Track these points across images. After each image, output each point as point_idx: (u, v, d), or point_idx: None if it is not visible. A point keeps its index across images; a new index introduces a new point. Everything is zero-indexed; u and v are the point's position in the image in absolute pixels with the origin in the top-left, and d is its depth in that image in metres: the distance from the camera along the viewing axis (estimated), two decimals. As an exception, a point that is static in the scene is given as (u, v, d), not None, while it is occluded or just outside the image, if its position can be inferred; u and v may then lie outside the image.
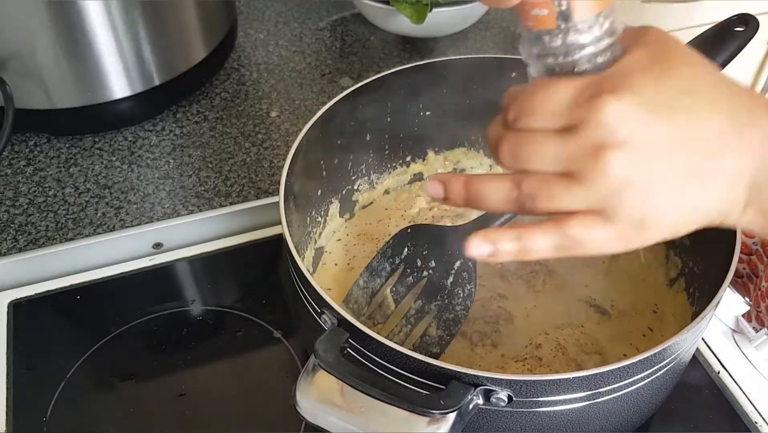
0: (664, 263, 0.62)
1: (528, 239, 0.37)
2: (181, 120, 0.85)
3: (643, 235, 0.36)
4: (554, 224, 0.36)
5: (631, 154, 0.34)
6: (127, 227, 0.72)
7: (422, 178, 0.71)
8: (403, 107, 0.65)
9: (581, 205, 0.35)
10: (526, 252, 0.37)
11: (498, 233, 0.37)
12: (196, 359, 0.61)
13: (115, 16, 0.73)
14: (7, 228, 0.72)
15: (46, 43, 0.72)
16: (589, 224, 0.35)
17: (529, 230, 0.37)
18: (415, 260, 0.57)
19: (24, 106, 0.74)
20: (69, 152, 0.80)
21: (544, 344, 0.57)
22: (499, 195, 0.37)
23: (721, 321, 0.62)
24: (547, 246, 0.36)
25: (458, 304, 0.55)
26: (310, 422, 0.42)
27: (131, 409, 0.58)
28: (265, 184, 0.77)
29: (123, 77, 0.77)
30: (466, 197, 0.38)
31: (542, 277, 0.62)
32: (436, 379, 0.43)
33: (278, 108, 0.87)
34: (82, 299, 0.65)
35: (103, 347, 0.61)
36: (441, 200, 0.39)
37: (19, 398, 0.57)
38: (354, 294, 0.58)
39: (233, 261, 0.69)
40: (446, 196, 0.39)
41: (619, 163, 0.34)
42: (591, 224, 0.35)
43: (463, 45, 0.96)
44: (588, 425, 0.47)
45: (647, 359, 0.44)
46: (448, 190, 0.39)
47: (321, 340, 0.44)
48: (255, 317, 0.63)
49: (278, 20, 1.01)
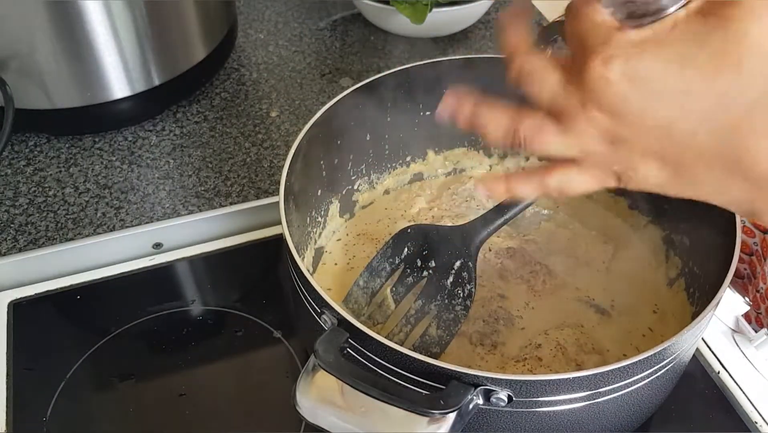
0: (664, 263, 0.62)
1: (515, 185, 0.41)
2: (181, 120, 0.85)
3: (622, 184, 0.39)
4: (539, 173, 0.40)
5: (615, 119, 0.36)
6: (127, 227, 0.72)
7: (422, 179, 0.71)
8: (403, 107, 0.65)
9: (567, 154, 0.38)
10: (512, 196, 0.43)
11: (493, 178, 0.42)
12: (196, 359, 0.61)
13: (115, 16, 0.73)
14: (7, 228, 0.72)
15: (46, 43, 0.72)
16: (571, 173, 0.39)
17: (517, 178, 0.41)
18: (415, 260, 0.57)
19: (24, 106, 0.74)
20: (69, 152, 0.80)
21: (544, 344, 0.57)
22: (499, 128, 0.40)
23: (721, 321, 0.62)
24: (531, 193, 0.42)
25: (458, 304, 0.55)
26: (310, 422, 0.42)
27: (131, 409, 0.58)
28: (265, 184, 0.77)
29: (123, 77, 0.77)
30: (471, 120, 0.41)
31: (542, 277, 0.62)
32: (436, 379, 0.43)
33: (278, 108, 0.87)
34: (82, 299, 0.65)
35: (103, 347, 0.61)
36: (448, 117, 0.42)
37: (19, 398, 0.57)
38: (354, 294, 0.58)
39: (233, 261, 0.69)
40: (455, 114, 0.42)
41: (604, 120, 0.36)
42: (572, 173, 0.39)
43: (463, 45, 0.96)
44: (588, 425, 0.47)
45: (647, 359, 0.44)
46: (458, 110, 0.41)
47: (321, 340, 0.44)
48: (255, 317, 0.63)
49: (278, 20, 1.01)
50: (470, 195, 0.68)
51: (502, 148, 0.43)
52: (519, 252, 0.64)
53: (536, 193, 0.42)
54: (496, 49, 0.96)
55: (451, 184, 0.70)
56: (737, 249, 0.49)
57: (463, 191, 0.68)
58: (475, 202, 0.68)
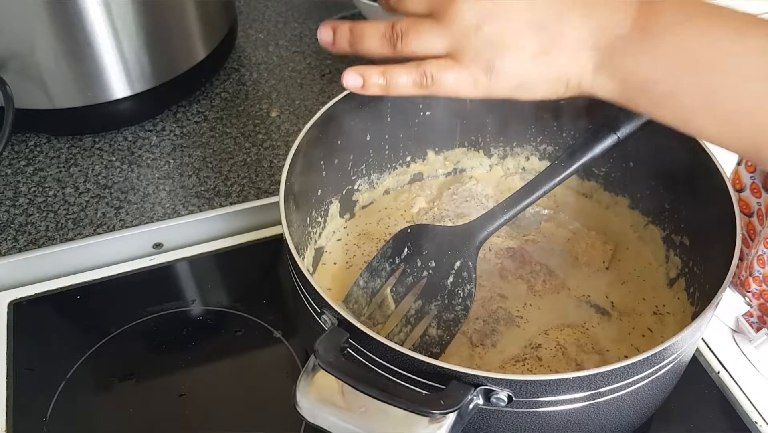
0: (664, 263, 0.62)
1: (392, 74, 0.44)
2: (181, 120, 0.85)
3: (491, 82, 0.42)
4: (415, 63, 0.43)
5: (481, 4, 0.41)
6: (127, 227, 0.72)
7: (422, 179, 0.71)
8: (403, 107, 0.65)
9: (440, 47, 0.42)
10: (390, 87, 0.44)
11: (368, 68, 0.44)
12: (196, 359, 0.61)
13: (115, 16, 0.73)
14: (7, 228, 0.72)
15: (46, 43, 0.72)
16: (444, 65, 0.43)
17: (393, 67, 0.44)
18: (415, 260, 0.57)
19: (24, 106, 0.74)
20: (69, 152, 0.80)
21: (544, 344, 0.57)
22: (377, 35, 0.44)
23: (722, 321, 0.62)
24: (407, 82, 0.44)
25: (458, 304, 0.55)
26: (310, 422, 0.42)
27: (131, 409, 0.58)
28: (265, 184, 0.77)
29: (123, 77, 0.77)
30: (350, 39, 0.45)
31: (542, 277, 0.62)
32: (436, 379, 0.43)
33: (278, 108, 0.87)
34: (82, 299, 0.65)
35: (103, 347, 0.61)
36: (330, 46, 0.46)
37: (19, 398, 0.57)
38: (354, 294, 0.58)
39: (233, 261, 0.69)
40: (334, 41, 0.46)
41: (470, 11, 0.41)
42: (445, 64, 0.43)
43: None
44: (588, 425, 0.47)
45: (647, 359, 0.44)
46: (336, 36, 0.45)
47: (321, 340, 0.44)
48: (255, 317, 0.63)
49: (278, 20, 1.01)
50: (470, 195, 0.68)
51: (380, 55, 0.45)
52: (519, 252, 0.64)
53: (411, 80, 0.43)
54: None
55: (451, 184, 0.70)
56: (737, 249, 0.49)
57: (463, 191, 0.68)
58: (475, 202, 0.68)
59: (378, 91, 0.45)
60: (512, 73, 0.42)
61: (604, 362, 0.56)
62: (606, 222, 0.67)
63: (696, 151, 0.55)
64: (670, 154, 0.58)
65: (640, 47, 0.40)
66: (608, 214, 0.68)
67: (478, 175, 0.71)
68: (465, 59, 0.42)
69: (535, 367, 0.55)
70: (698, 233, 0.58)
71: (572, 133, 0.67)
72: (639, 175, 0.64)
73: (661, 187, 0.62)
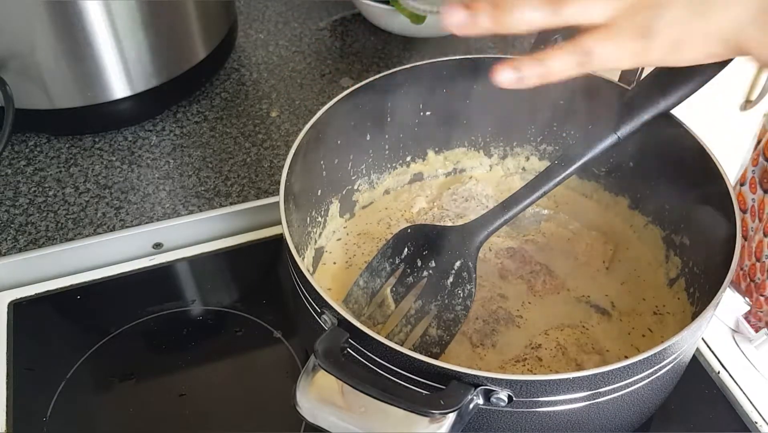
0: (664, 263, 0.62)
1: (550, 59, 0.41)
2: (181, 120, 0.85)
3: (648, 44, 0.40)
4: (571, 43, 0.41)
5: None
6: (127, 227, 0.72)
7: (422, 179, 0.71)
8: (403, 107, 0.65)
9: (601, 15, 0.40)
10: (549, 74, 0.42)
11: (522, 60, 0.41)
12: (196, 359, 0.61)
13: (115, 16, 0.73)
14: (7, 228, 0.72)
15: (46, 43, 0.72)
16: (601, 36, 0.40)
17: (548, 52, 0.41)
18: (415, 260, 0.57)
19: (24, 106, 0.74)
20: (69, 152, 0.80)
21: (544, 344, 0.57)
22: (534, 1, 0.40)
23: (722, 321, 0.62)
24: (567, 64, 0.41)
25: (458, 304, 0.55)
26: (310, 422, 0.42)
27: (131, 409, 0.58)
28: (265, 184, 0.77)
29: (123, 77, 0.77)
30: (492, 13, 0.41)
31: (542, 277, 0.62)
32: (436, 379, 0.43)
33: (278, 108, 0.87)
34: (82, 299, 0.65)
35: (103, 347, 0.61)
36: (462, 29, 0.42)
37: (19, 398, 0.57)
38: (354, 294, 0.58)
39: (233, 261, 0.69)
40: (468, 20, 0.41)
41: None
42: (603, 36, 0.40)
43: (463, 45, 0.96)
44: (588, 425, 0.47)
45: (647, 359, 0.44)
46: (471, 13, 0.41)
47: (321, 340, 0.44)
48: (255, 317, 0.63)
49: (278, 20, 1.01)
50: (470, 195, 0.68)
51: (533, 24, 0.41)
52: (519, 252, 0.64)
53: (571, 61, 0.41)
54: (495, 49, 0.96)
55: (451, 184, 0.70)
56: (737, 249, 0.49)
57: (463, 191, 0.68)
58: (475, 202, 0.68)
59: (537, 81, 0.42)
60: (669, 32, 0.41)
61: (604, 362, 0.56)
62: (606, 222, 0.67)
63: (696, 151, 0.55)
64: (670, 155, 0.58)
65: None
66: (608, 214, 0.68)
67: (478, 175, 0.71)
68: (623, 24, 0.40)
69: (535, 367, 0.55)
70: (698, 233, 0.58)
71: (572, 133, 0.67)
72: (639, 175, 0.64)
73: (661, 187, 0.62)
